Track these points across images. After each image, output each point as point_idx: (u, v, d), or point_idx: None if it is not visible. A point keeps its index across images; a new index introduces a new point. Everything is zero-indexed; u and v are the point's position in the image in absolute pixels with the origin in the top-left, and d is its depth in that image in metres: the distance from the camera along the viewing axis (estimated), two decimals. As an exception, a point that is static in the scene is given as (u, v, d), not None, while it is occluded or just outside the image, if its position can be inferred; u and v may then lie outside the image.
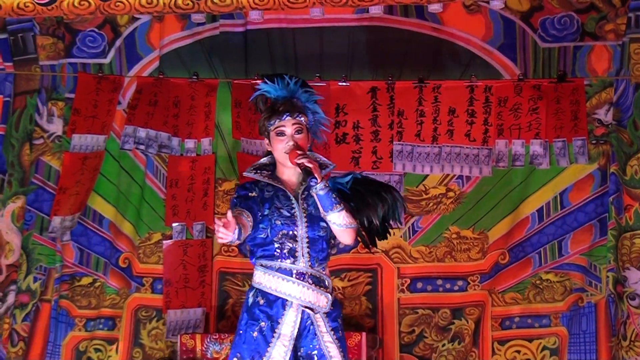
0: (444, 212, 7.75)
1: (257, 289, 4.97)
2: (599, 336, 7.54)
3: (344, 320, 5.15)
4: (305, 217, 4.96)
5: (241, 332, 4.95)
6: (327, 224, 4.98)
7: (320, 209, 4.93)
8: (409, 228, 7.74)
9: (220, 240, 4.69)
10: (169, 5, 6.44)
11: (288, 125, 4.96)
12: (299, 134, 4.98)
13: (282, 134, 4.97)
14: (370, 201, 5.09)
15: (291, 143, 4.95)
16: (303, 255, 4.93)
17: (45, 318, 7.72)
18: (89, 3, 6.45)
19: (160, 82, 7.72)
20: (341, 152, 7.64)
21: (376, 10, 7.39)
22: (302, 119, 5.01)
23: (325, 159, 5.10)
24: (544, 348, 7.63)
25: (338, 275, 7.70)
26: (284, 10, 6.67)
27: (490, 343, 7.64)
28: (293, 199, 4.98)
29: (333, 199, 4.90)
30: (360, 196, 5.09)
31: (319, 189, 4.88)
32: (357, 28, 7.77)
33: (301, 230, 4.94)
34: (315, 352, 4.94)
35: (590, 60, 7.66)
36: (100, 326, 7.77)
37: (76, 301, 7.78)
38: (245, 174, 5.12)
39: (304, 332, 4.95)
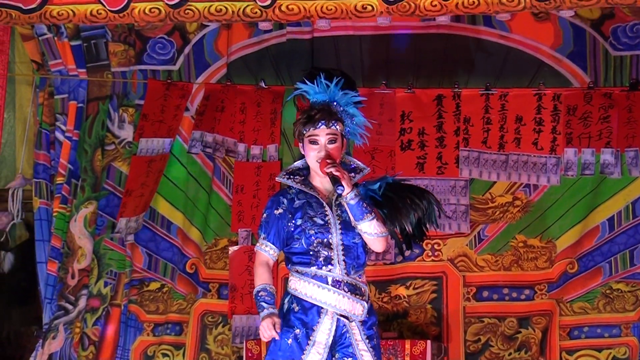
0: (510, 220, 7.68)
1: (292, 295, 4.93)
2: (671, 347, 7.43)
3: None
4: (339, 223, 4.90)
5: (276, 338, 4.91)
6: None
7: (351, 218, 4.86)
8: (475, 236, 7.69)
9: (264, 339, 4.84)
10: (238, 13, 6.48)
11: (322, 134, 4.89)
12: (332, 143, 4.90)
13: (315, 142, 4.90)
14: (402, 208, 4.97)
15: (322, 153, 4.88)
16: (339, 263, 4.87)
17: (115, 322, 7.77)
18: (159, 10, 6.52)
19: (228, 89, 7.80)
20: (406, 159, 7.66)
21: (443, 18, 7.37)
22: (338, 127, 4.93)
23: (359, 162, 5.05)
24: (614, 358, 7.54)
25: (403, 284, 7.69)
26: (352, 19, 6.67)
27: (558, 352, 7.56)
28: (326, 205, 4.92)
29: (364, 209, 4.83)
30: (393, 203, 4.98)
31: (349, 199, 4.80)
32: (424, 35, 7.75)
33: (336, 238, 4.88)
34: (350, 359, 4.90)
35: (663, 69, 7.58)
36: (168, 331, 7.81)
37: (145, 306, 7.82)
38: (277, 179, 5.10)
39: (340, 339, 4.91)
